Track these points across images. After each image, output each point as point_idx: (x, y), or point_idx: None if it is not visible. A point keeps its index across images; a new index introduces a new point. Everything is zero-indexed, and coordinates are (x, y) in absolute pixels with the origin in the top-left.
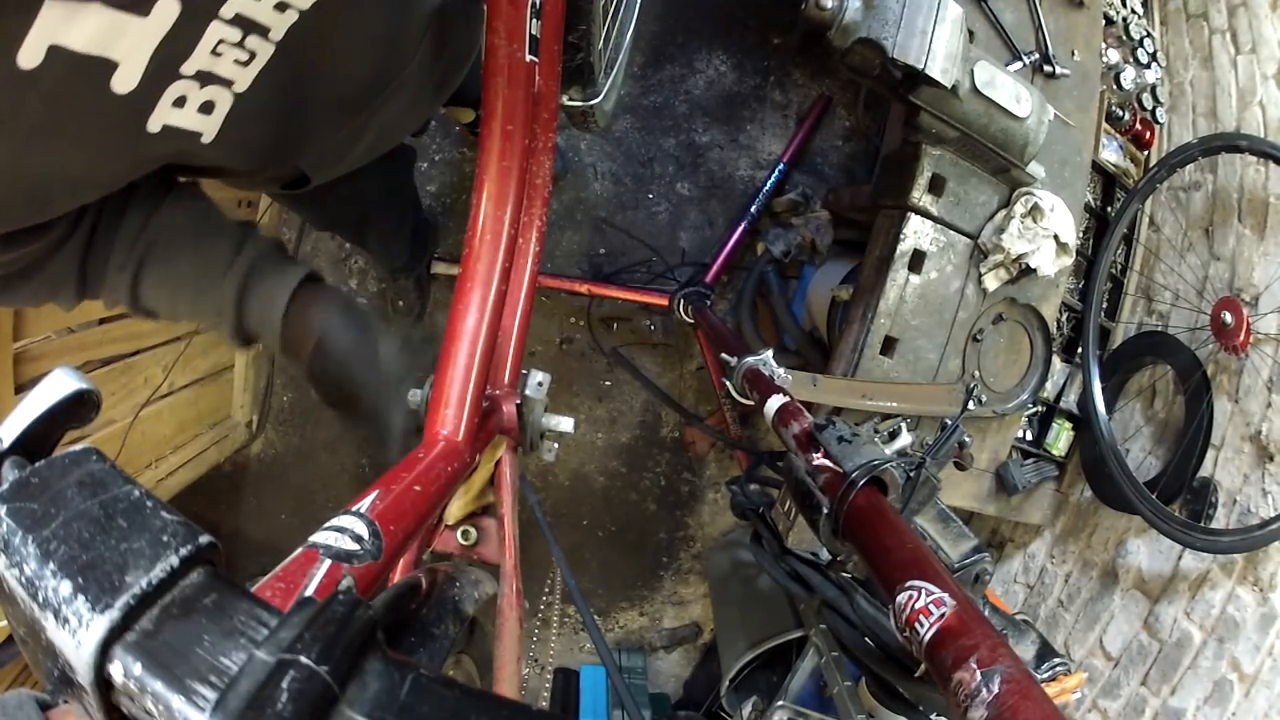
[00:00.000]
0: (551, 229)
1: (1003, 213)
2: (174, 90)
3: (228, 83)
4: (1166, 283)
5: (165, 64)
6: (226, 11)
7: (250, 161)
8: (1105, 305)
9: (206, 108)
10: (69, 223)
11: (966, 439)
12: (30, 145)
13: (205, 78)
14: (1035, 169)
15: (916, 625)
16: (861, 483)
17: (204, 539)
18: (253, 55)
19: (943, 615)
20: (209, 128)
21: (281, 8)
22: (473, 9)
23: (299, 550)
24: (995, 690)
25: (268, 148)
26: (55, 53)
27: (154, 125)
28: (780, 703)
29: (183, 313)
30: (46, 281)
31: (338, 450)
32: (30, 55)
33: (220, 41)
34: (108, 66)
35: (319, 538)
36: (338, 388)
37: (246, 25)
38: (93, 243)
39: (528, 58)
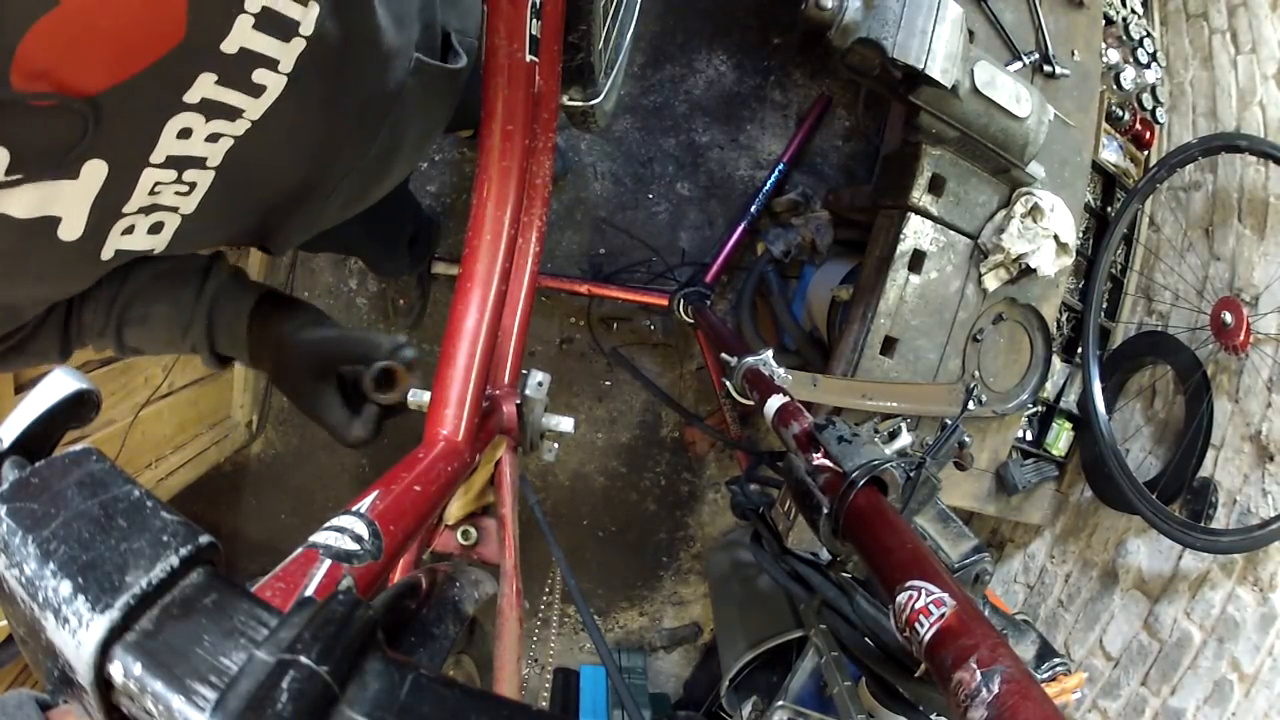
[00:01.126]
0: (551, 229)
1: (1003, 213)
2: (120, 224)
3: (172, 209)
4: (1166, 283)
5: (106, 210)
6: (156, 157)
7: (207, 249)
8: (1105, 305)
9: (156, 228)
10: (44, 311)
11: (966, 439)
12: (2, 280)
13: (150, 209)
14: (1035, 169)
15: (916, 625)
16: (861, 483)
17: (204, 539)
18: (193, 185)
19: (943, 615)
20: (160, 243)
21: (214, 138)
22: (454, 60)
23: (299, 550)
24: (995, 690)
25: (224, 240)
26: (2, 220)
27: (107, 254)
28: (780, 703)
29: (164, 349)
30: (34, 354)
31: (338, 450)
32: None
33: (156, 184)
34: (52, 222)
35: (319, 538)
36: (302, 381)
37: (180, 163)
38: (70, 317)
39: (528, 58)
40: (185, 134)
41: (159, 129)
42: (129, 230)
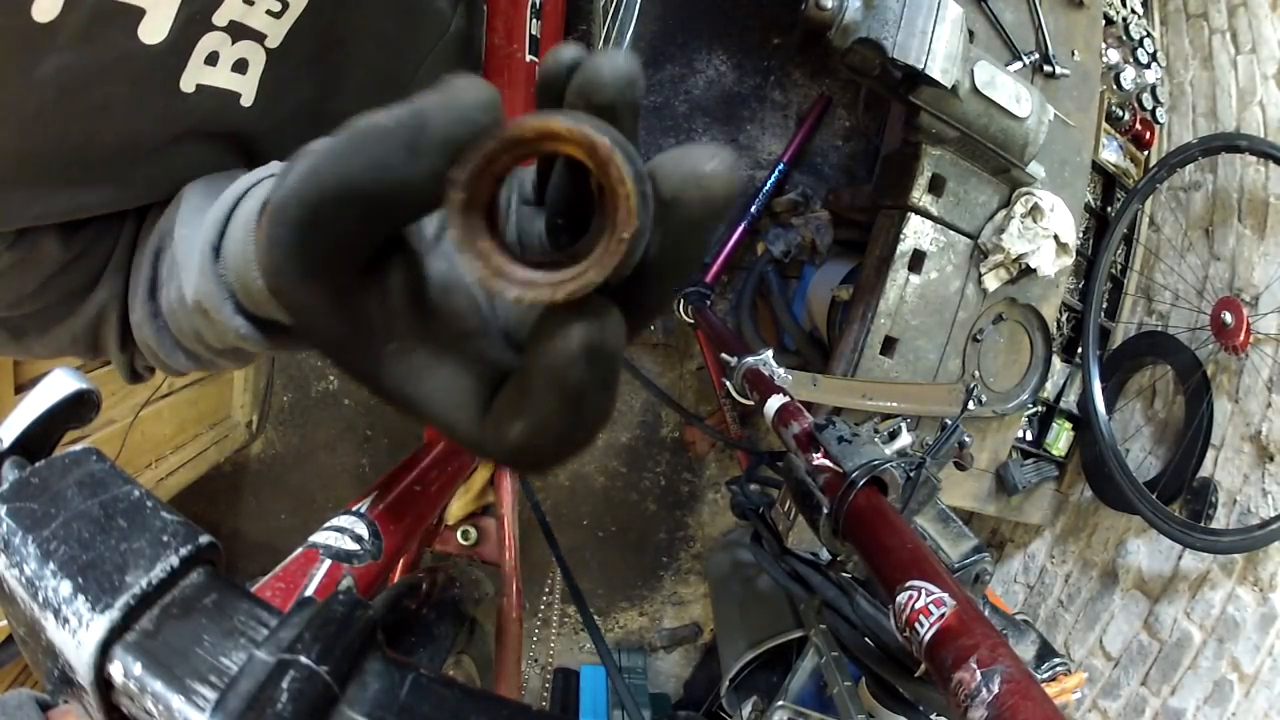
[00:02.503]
0: None
1: (1003, 213)
2: (206, 44)
3: (260, 36)
4: (1166, 283)
5: (196, 13)
6: None
7: (292, 135)
8: (1105, 305)
9: (240, 66)
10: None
11: (966, 439)
12: (59, 108)
13: (237, 30)
14: (1035, 169)
15: (916, 625)
16: (861, 483)
17: (204, 539)
18: (285, 6)
19: (943, 615)
20: (246, 88)
21: None
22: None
23: (299, 550)
24: (995, 690)
25: (307, 117)
26: (74, 2)
27: (188, 84)
28: (780, 703)
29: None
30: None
31: (338, 450)
32: (46, 6)
33: None
34: (134, 13)
35: (319, 538)
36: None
37: None
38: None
39: (528, 58)
40: None
41: None
42: (213, 59)
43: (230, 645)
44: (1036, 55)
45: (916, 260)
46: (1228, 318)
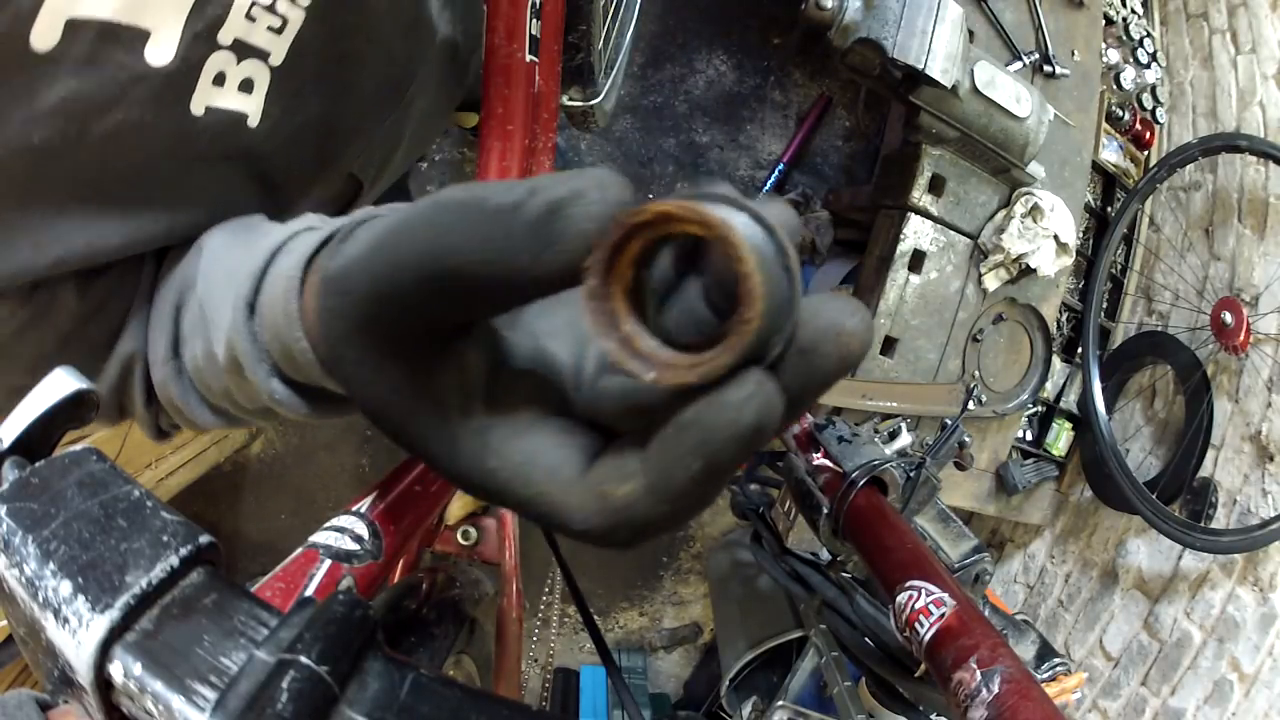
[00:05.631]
0: None
1: (1003, 213)
2: (213, 64)
3: (264, 54)
4: (1166, 283)
5: (202, 32)
6: None
7: (301, 154)
8: (1105, 305)
9: (246, 85)
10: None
11: (966, 439)
12: (68, 138)
13: (241, 49)
14: (1035, 169)
15: (916, 625)
16: (861, 483)
17: (204, 539)
18: (285, 21)
19: (943, 615)
20: (253, 108)
21: None
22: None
23: (299, 550)
24: (995, 690)
25: (315, 135)
26: (75, 27)
27: (197, 107)
28: (780, 703)
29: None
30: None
31: (338, 450)
32: (45, 35)
33: (253, 4)
34: (140, 35)
35: (319, 538)
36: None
37: None
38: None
39: (528, 58)
40: None
41: None
42: (220, 79)
43: (230, 645)
44: (1036, 55)
45: (916, 260)
46: (1228, 318)
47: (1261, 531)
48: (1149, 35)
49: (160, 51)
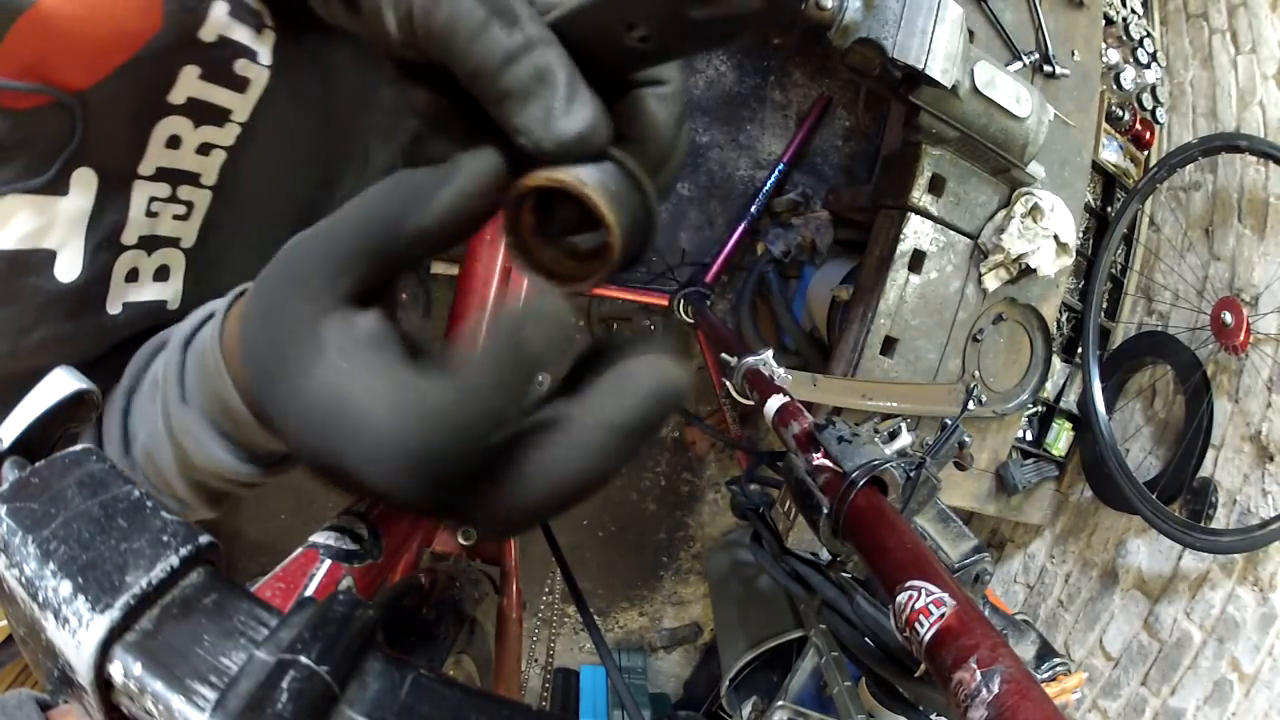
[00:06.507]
0: None
1: (1003, 213)
2: (122, 264)
3: (174, 241)
4: (1166, 283)
5: (103, 239)
6: (146, 168)
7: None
8: (1105, 305)
9: (162, 273)
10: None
11: (966, 439)
12: (2, 359)
13: (150, 242)
14: (1035, 169)
15: (916, 625)
16: (861, 483)
17: (204, 539)
18: (190, 205)
19: (943, 615)
20: (170, 293)
21: (206, 149)
22: None
23: (299, 550)
24: (995, 690)
25: (241, 280)
26: None
27: (114, 306)
28: (780, 703)
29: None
30: None
31: None
32: None
33: (152, 199)
34: (46, 257)
35: (319, 538)
36: None
37: (173, 176)
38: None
39: None
40: (174, 142)
41: (147, 134)
42: (134, 275)
43: (230, 645)
44: (1036, 55)
45: (916, 260)
46: (1228, 318)
47: (1261, 531)
48: (1149, 35)
49: (68, 266)
